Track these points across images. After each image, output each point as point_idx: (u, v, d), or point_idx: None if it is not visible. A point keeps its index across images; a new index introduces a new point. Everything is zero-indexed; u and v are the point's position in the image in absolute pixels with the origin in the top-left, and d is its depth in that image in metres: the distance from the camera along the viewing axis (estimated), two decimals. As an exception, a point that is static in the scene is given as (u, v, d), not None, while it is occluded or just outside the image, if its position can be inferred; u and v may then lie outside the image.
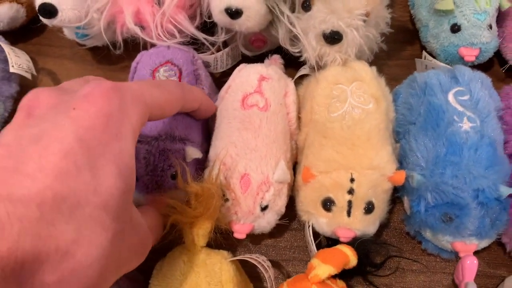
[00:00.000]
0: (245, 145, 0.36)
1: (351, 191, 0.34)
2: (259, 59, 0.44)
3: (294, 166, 0.40)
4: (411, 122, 0.39)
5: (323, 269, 0.32)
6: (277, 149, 0.36)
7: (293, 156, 0.40)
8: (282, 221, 0.38)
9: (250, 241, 0.40)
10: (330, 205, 0.35)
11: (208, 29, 0.43)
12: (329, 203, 0.35)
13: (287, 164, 0.37)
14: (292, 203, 0.39)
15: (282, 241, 0.41)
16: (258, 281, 0.38)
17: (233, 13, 0.37)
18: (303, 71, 0.43)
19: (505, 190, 0.34)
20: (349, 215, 0.35)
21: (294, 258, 0.40)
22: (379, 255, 0.37)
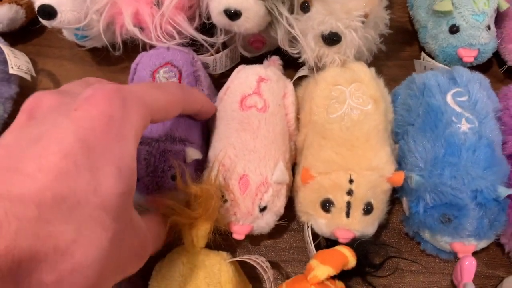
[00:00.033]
0: (244, 146, 0.36)
1: (350, 192, 0.35)
2: (258, 60, 0.44)
3: (293, 167, 0.40)
4: (410, 123, 0.39)
5: (322, 270, 0.32)
6: (275, 150, 0.36)
7: (292, 157, 0.40)
8: (281, 222, 0.38)
9: (249, 242, 0.40)
10: (329, 206, 0.35)
11: (207, 31, 0.43)
12: (328, 204, 0.35)
13: (286, 165, 0.37)
14: (291, 204, 0.39)
15: (281, 242, 0.41)
16: (258, 282, 0.38)
17: (232, 14, 0.37)
18: (302, 72, 0.43)
19: (503, 191, 0.34)
20: (348, 216, 0.35)
21: (293, 259, 0.40)
22: (378, 255, 0.37)
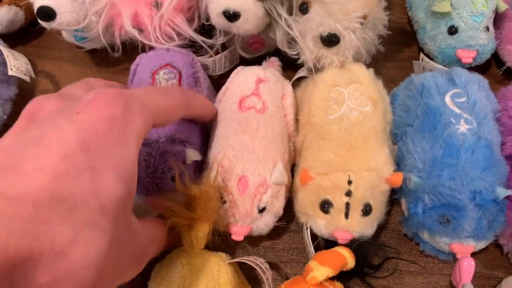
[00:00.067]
0: (243, 148, 0.36)
1: (348, 193, 0.35)
2: (257, 62, 0.44)
3: (292, 168, 0.40)
4: (409, 124, 0.39)
5: (320, 271, 0.32)
6: (274, 151, 0.36)
7: (291, 158, 0.40)
8: (280, 223, 0.38)
9: (248, 243, 0.40)
10: (328, 207, 0.35)
11: (206, 32, 0.43)
12: (327, 205, 0.35)
13: (285, 166, 0.37)
14: (290, 205, 0.39)
15: (280, 243, 0.41)
16: (257, 283, 0.38)
17: (231, 16, 0.37)
18: (301, 73, 0.43)
19: (502, 192, 0.34)
20: (347, 217, 0.35)
21: (292, 260, 0.40)
22: (377, 256, 0.37)
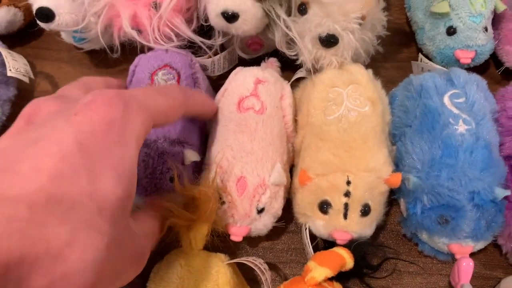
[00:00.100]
0: (241, 148, 0.36)
1: (347, 194, 0.35)
2: (256, 62, 0.44)
3: (291, 169, 0.40)
4: (407, 125, 0.39)
5: (319, 272, 0.32)
6: (273, 152, 0.36)
7: (289, 158, 0.40)
8: (279, 224, 0.38)
9: (247, 243, 0.40)
10: (327, 208, 0.35)
11: (205, 33, 0.44)
12: (325, 205, 0.35)
13: (284, 167, 0.37)
14: (289, 205, 0.39)
15: (279, 243, 0.41)
16: (255, 283, 0.38)
17: (230, 16, 0.37)
18: (299, 74, 0.43)
19: (500, 192, 0.34)
20: (345, 217, 0.35)
21: (291, 260, 0.40)
22: (376, 257, 0.37)
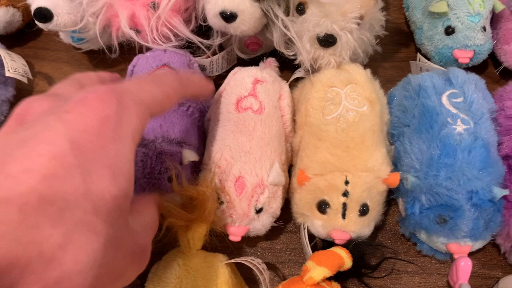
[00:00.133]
0: (240, 148, 0.36)
1: (345, 194, 0.35)
2: (254, 62, 0.44)
3: (290, 169, 0.40)
4: (406, 124, 0.39)
5: (317, 272, 0.32)
6: (271, 152, 0.36)
7: (288, 158, 0.40)
8: (277, 224, 0.38)
9: (245, 243, 0.40)
10: (325, 208, 0.35)
11: (204, 33, 0.44)
12: (324, 205, 0.35)
13: (282, 167, 0.37)
14: (287, 205, 0.39)
15: (278, 243, 0.41)
16: (254, 283, 0.38)
17: (228, 16, 0.37)
18: (298, 74, 0.43)
19: (499, 192, 0.34)
20: (344, 217, 0.35)
21: (290, 260, 0.40)
22: (374, 257, 0.37)
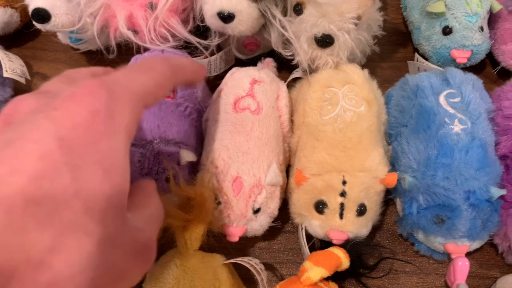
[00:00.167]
0: (237, 148, 0.36)
1: (343, 194, 0.35)
2: (252, 63, 0.44)
3: (287, 169, 0.40)
4: (403, 124, 0.39)
5: (315, 272, 0.32)
6: (269, 152, 0.36)
7: (286, 158, 0.40)
8: (275, 224, 0.38)
9: (243, 244, 0.40)
10: (323, 208, 0.35)
11: (201, 33, 0.44)
12: (321, 205, 0.35)
13: (280, 167, 0.37)
14: (285, 205, 0.39)
15: (276, 243, 0.41)
16: (252, 283, 0.38)
17: (226, 17, 0.37)
18: (295, 74, 0.43)
19: (496, 192, 0.34)
20: (341, 217, 0.35)
21: (287, 260, 0.40)
22: (372, 257, 0.37)
